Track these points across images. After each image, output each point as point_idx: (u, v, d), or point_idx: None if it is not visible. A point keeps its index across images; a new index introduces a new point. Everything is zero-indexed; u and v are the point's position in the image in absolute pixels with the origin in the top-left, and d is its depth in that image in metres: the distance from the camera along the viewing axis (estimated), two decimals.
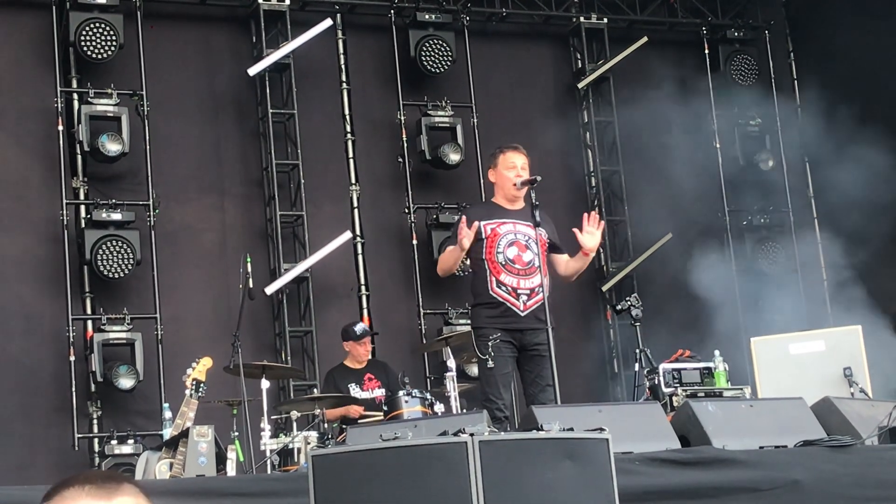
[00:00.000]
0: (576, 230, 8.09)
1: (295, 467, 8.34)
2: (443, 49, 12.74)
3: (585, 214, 8.22)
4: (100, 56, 11.43)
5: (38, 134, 11.43)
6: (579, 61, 13.74)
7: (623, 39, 13.56)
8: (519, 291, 7.90)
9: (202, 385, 8.34)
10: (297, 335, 11.91)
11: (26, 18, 11.64)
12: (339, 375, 10.37)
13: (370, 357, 10.63)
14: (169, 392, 10.43)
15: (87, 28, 11.38)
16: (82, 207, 11.40)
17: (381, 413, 9.19)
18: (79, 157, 11.46)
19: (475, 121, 12.76)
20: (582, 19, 13.59)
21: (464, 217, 7.88)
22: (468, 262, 8.19)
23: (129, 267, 11.13)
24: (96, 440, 11.03)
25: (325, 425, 9.29)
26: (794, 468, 6.34)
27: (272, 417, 9.01)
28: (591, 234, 8.17)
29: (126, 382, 10.89)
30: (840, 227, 12.81)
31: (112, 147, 11.24)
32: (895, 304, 11.52)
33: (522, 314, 7.89)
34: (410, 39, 12.73)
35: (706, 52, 14.09)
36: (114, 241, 11.10)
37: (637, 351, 9.10)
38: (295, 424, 8.82)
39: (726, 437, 6.49)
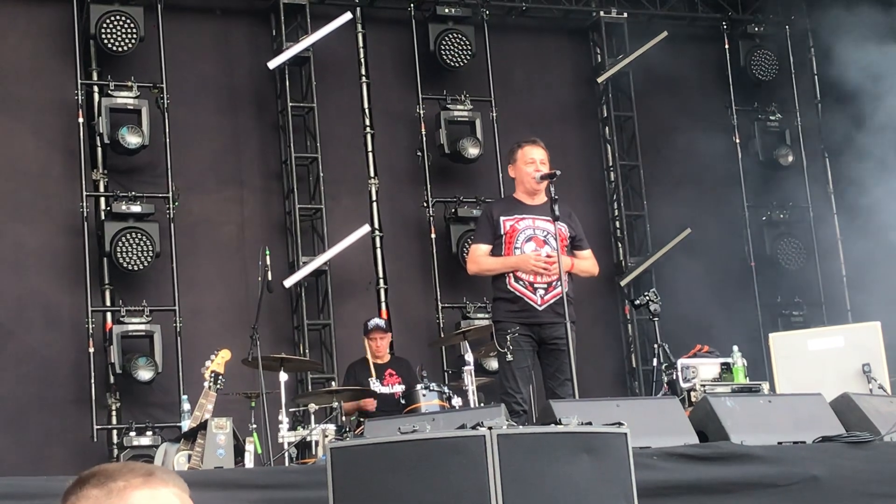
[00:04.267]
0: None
1: (313, 460, 8.36)
2: (462, 43, 12.73)
3: None
4: (120, 49, 11.46)
5: (58, 126, 11.46)
6: (599, 56, 13.71)
7: (643, 34, 13.53)
8: (536, 286, 7.90)
9: (220, 377, 8.37)
10: (315, 328, 11.93)
11: (47, 11, 11.68)
12: (359, 369, 10.40)
13: (389, 352, 10.65)
14: (187, 384, 10.45)
15: (108, 21, 11.41)
16: (102, 199, 11.43)
17: (399, 408, 9.22)
18: (99, 149, 11.49)
19: (494, 115, 12.75)
20: (602, 13, 13.56)
21: (548, 253, 7.86)
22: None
23: (149, 259, 11.16)
24: (115, 432, 11.07)
25: (343, 418, 9.32)
26: (812, 464, 6.33)
27: (290, 410, 9.04)
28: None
29: (145, 374, 10.92)
30: (860, 223, 12.77)
31: (132, 139, 11.27)
32: None
33: (540, 308, 7.89)
34: (430, 33, 12.73)
35: (726, 46, 14.06)
36: (133, 234, 11.13)
37: (655, 346, 9.10)
38: (313, 417, 8.85)
39: (744, 433, 6.49)
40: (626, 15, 13.64)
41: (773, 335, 9.43)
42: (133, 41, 11.47)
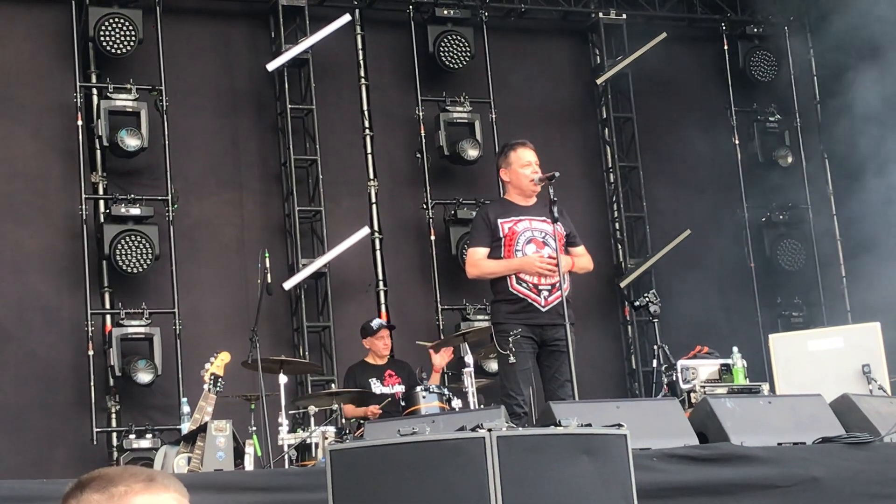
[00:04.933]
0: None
1: (312, 462, 8.36)
2: (461, 44, 12.73)
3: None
4: (119, 51, 11.46)
5: (57, 129, 11.45)
6: (598, 57, 13.71)
7: (642, 35, 13.52)
8: (540, 287, 7.88)
9: (220, 380, 8.36)
10: (314, 330, 11.92)
11: (46, 14, 11.67)
12: (359, 371, 10.39)
13: (390, 354, 10.65)
14: (187, 387, 10.45)
15: (107, 23, 11.41)
16: (101, 202, 11.43)
17: (399, 410, 9.21)
18: (98, 151, 11.49)
19: (493, 116, 12.75)
20: (601, 15, 13.56)
21: (549, 254, 7.86)
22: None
23: (148, 262, 11.15)
24: (114, 434, 11.07)
25: (343, 420, 9.31)
26: (812, 465, 6.33)
27: (290, 412, 9.03)
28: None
29: (144, 377, 10.92)
30: (859, 224, 12.77)
31: (131, 142, 11.27)
32: None
33: (544, 310, 7.87)
34: (429, 35, 12.73)
35: (725, 48, 14.06)
36: (132, 236, 11.13)
37: (655, 347, 9.11)
38: (312, 419, 8.84)
39: (744, 434, 6.49)
40: (624, 16, 13.64)
41: (772, 336, 9.43)
42: (132, 44, 11.47)
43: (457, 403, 8.96)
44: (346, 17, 12.40)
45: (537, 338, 7.89)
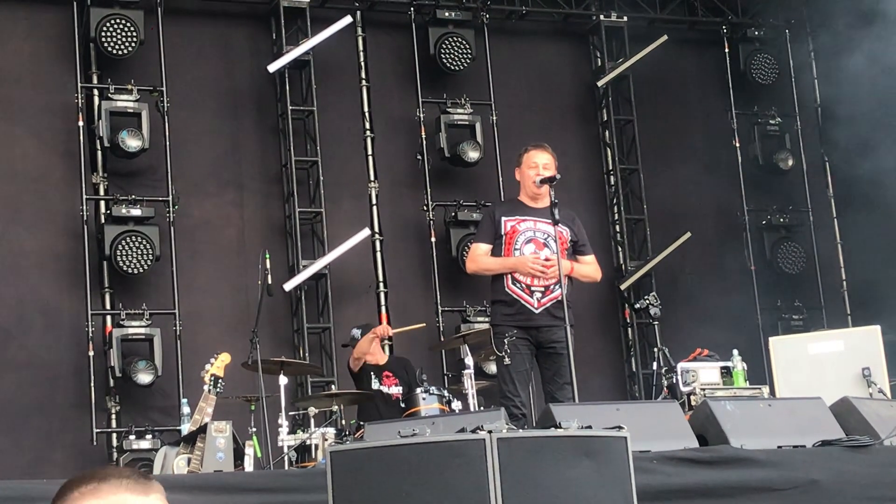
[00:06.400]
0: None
1: (312, 463, 8.36)
2: (462, 47, 12.73)
3: None
4: (120, 52, 11.46)
5: (58, 130, 11.45)
6: (599, 59, 13.71)
7: (643, 38, 13.52)
8: (533, 288, 7.92)
9: (220, 381, 8.37)
10: (315, 332, 11.92)
11: (47, 14, 11.67)
12: (363, 368, 10.40)
13: (389, 355, 10.65)
14: (187, 388, 10.45)
15: (108, 24, 11.41)
16: (102, 203, 11.42)
17: (398, 411, 9.22)
18: (99, 152, 11.49)
19: (494, 118, 12.75)
20: (602, 17, 13.55)
21: (547, 256, 7.89)
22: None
23: (149, 262, 11.15)
24: (115, 435, 11.06)
25: (343, 422, 9.31)
26: (812, 468, 6.33)
27: (290, 413, 9.03)
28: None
29: (144, 378, 10.91)
30: (859, 227, 12.77)
31: (132, 143, 11.26)
32: None
33: (536, 311, 7.91)
34: (430, 37, 12.73)
35: (726, 50, 14.05)
36: (133, 237, 11.13)
37: (655, 349, 9.12)
38: (312, 420, 8.85)
39: (744, 437, 6.49)
40: (625, 19, 13.63)
41: (773, 339, 9.44)
42: (133, 44, 11.48)
43: (457, 405, 8.96)
44: (348, 19, 12.40)
45: (533, 339, 7.92)
